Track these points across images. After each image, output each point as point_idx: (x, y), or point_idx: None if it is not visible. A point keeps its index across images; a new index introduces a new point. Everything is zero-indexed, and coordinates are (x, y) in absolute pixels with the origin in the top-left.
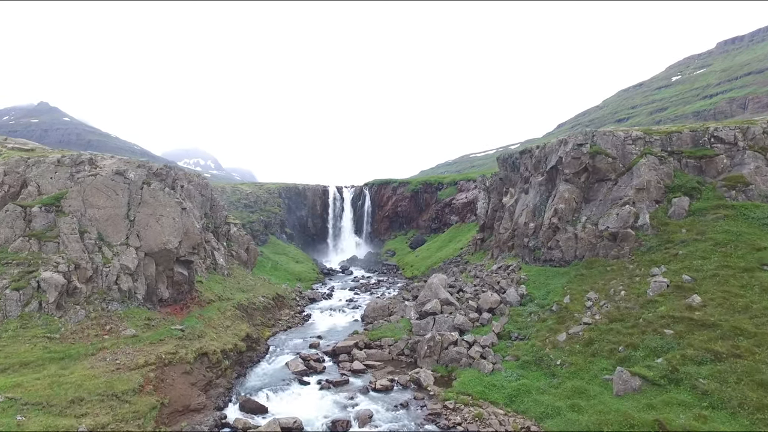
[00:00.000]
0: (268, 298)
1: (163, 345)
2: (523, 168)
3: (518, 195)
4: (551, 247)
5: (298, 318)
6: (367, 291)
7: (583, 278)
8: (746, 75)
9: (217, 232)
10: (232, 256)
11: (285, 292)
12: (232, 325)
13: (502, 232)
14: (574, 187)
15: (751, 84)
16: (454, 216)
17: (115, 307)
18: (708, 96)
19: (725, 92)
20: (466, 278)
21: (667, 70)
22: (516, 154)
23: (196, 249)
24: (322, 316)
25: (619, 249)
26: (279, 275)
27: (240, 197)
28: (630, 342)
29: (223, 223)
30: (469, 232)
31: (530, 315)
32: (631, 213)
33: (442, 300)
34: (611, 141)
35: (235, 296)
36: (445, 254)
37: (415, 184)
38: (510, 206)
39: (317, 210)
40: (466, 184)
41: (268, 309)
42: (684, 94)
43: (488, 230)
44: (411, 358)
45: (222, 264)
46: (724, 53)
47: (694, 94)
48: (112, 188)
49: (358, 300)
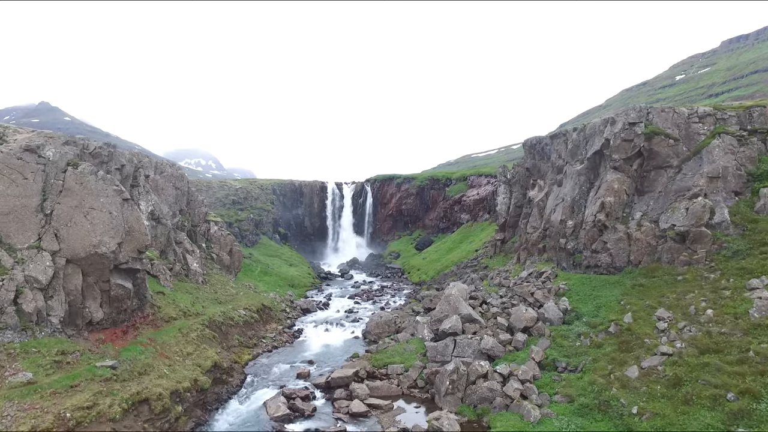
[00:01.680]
0: (251, 310)
1: (75, 394)
2: (555, 155)
3: (549, 187)
4: (596, 250)
5: (286, 335)
6: (369, 299)
7: (643, 290)
8: (752, 73)
9: (195, 232)
10: (212, 260)
11: (273, 303)
12: (195, 352)
13: (531, 231)
14: (625, 176)
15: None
16: (464, 214)
17: (9, 338)
18: (713, 95)
19: (731, 91)
20: (489, 287)
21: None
22: (546, 139)
23: (144, 253)
24: (316, 331)
25: (691, 253)
26: (269, 281)
27: (228, 193)
28: (744, 387)
29: (202, 221)
30: (483, 231)
31: (579, 338)
32: (706, 207)
33: (464, 316)
34: (672, 119)
35: (208, 310)
36: (457, 257)
37: (421, 179)
38: (539, 201)
39: (315, 208)
40: (478, 180)
41: (250, 325)
42: (688, 93)
43: (510, 229)
44: (426, 393)
45: (196, 270)
46: (728, 52)
47: (699, 93)
48: (18, 170)
49: (359, 311)
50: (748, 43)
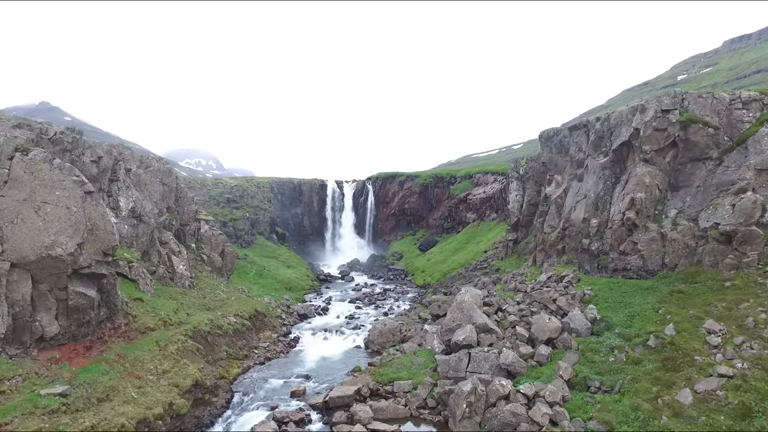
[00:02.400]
0: (243, 317)
1: None
2: (574, 148)
3: (568, 183)
4: (625, 251)
5: (281, 344)
6: (371, 304)
7: (684, 297)
8: (755, 73)
9: (183, 232)
10: (202, 262)
11: (267, 308)
12: (174, 369)
13: (548, 231)
14: (657, 170)
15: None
16: (470, 213)
17: None
18: None
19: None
20: (503, 292)
21: (673, 69)
22: (564, 130)
23: (110, 255)
24: (314, 339)
25: (739, 255)
26: (264, 284)
27: (222, 191)
28: None
29: (192, 219)
30: (490, 231)
31: (612, 352)
32: (757, 204)
33: (479, 326)
34: (710, 105)
35: (194, 318)
36: (464, 258)
37: (425, 178)
38: (557, 198)
39: (314, 207)
40: (484, 178)
41: (241, 334)
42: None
43: (523, 229)
44: (438, 415)
45: (182, 272)
46: (731, 52)
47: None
48: None
49: (361, 316)
50: (750, 42)
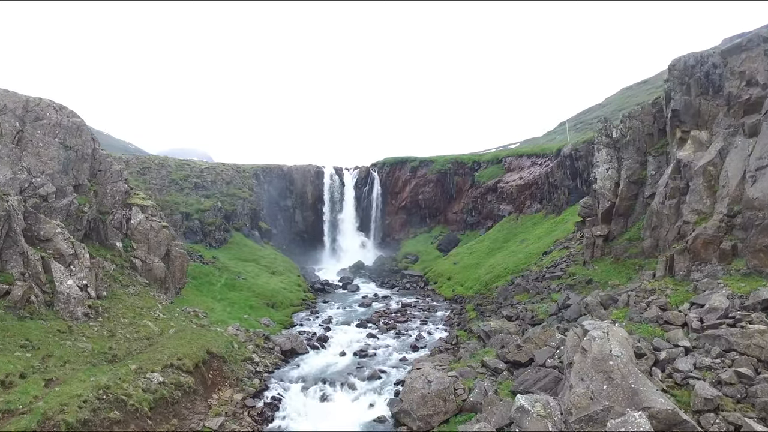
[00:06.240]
0: (181, 368)
1: None
2: (734, 83)
3: (726, 140)
4: None
5: (248, 417)
6: (389, 329)
7: None
8: None
9: (104, 223)
10: (134, 270)
11: (229, 347)
12: None
13: (693, 220)
14: None
15: None
16: (503, 205)
17: None
18: None
19: None
20: (631, 324)
21: None
22: (714, 56)
23: None
24: (305, 402)
25: None
26: (235, 301)
27: (188, 174)
28: None
29: (119, 205)
30: (536, 227)
31: None
32: None
33: (658, 414)
34: None
35: (66, 388)
36: (508, 262)
37: (442, 163)
38: (707, 166)
39: (308, 199)
40: (518, 161)
41: (170, 405)
42: None
43: (621, 219)
44: None
45: (71, 293)
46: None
47: None
48: None
49: (378, 352)
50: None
